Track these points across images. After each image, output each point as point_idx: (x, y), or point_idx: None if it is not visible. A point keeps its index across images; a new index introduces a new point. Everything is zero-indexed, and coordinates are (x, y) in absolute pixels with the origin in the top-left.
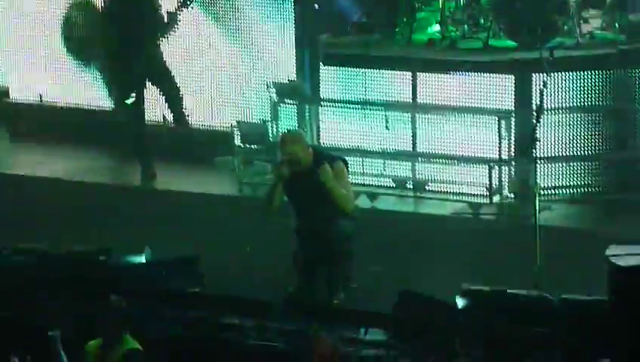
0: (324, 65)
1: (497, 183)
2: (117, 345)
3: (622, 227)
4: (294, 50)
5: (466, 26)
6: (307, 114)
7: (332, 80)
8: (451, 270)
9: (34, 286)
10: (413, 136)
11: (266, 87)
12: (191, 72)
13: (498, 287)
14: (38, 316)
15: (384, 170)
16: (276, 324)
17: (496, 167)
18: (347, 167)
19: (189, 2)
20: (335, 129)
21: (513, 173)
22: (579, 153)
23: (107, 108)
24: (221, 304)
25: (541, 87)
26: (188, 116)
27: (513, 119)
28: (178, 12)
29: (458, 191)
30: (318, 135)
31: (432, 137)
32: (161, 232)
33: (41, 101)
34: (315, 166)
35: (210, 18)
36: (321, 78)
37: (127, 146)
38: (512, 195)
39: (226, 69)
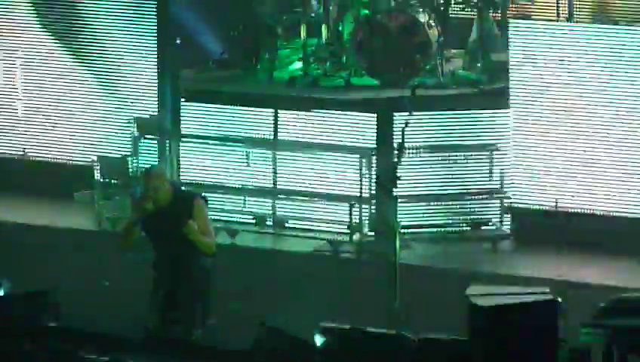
0: (186, 101)
1: (358, 221)
2: None
3: (479, 265)
4: (156, 85)
5: (328, 64)
6: (168, 149)
7: (194, 115)
8: (311, 307)
9: None
10: (274, 173)
11: (127, 121)
12: (52, 105)
13: (357, 326)
14: None
15: (244, 206)
16: (136, 360)
17: (357, 205)
18: (207, 203)
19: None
20: (195, 165)
21: (374, 211)
22: (439, 192)
23: None
24: (79, 338)
25: (402, 125)
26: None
27: (374, 157)
28: None
29: (319, 228)
30: (179, 171)
31: (293, 174)
32: (19, 266)
33: None
34: (174, 202)
35: (71, 51)
36: (182, 113)
37: None
38: (373, 233)
39: (87, 103)
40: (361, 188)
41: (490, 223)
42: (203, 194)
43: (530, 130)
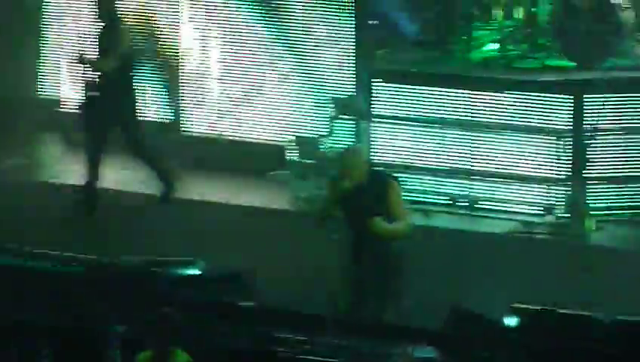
0: (382, 82)
1: (552, 203)
2: (168, 359)
3: None
4: (353, 66)
5: (524, 45)
6: (364, 130)
7: (389, 96)
8: (504, 288)
9: (87, 295)
10: (470, 154)
11: (323, 101)
12: (250, 85)
13: (549, 307)
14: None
15: (439, 187)
16: (327, 339)
17: (552, 187)
18: (400, 185)
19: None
20: (391, 146)
21: (568, 193)
22: (633, 174)
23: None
24: (273, 318)
25: (597, 107)
26: None
27: (570, 139)
28: None
29: (513, 209)
30: (374, 151)
31: (488, 155)
32: (215, 245)
33: None
34: (370, 182)
35: (268, 31)
36: (377, 94)
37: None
38: (567, 215)
39: (283, 83)
40: (555, 170)
41: None
42: (401, 178)
43: None
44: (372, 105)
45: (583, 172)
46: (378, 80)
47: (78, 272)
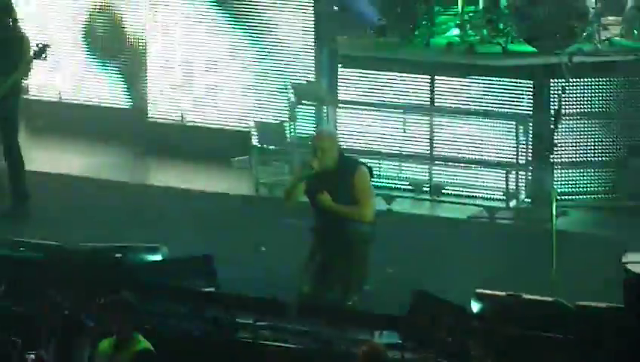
0: (343, 67)
1: (514, 188)
2: (129, 344)
3: (638, 234)
4: (313, 52)
5: (485, 31)
6: (325, 115)
7: (350, 82)
8: (466, 274)
9: (49, 281)
10: (431, 139)
11: (284, 87)
12: (210, 71)
13: (513, 292)
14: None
15: (401, 173)
16: (291, 325)
17: (513, 172)
18: (371, 174)
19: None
20: (352, 131)
21: (530, 177)
22: (596, 159)
23: (121, 107)
24: (235, 303)
25: (559, 92)
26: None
27: (531, 124)
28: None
29: (475, 194)
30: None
31: (449, 140)
32: (177, 231)
33: (60, 99)
34: (338, 168)
35: (229, 18)
36: (339, 79)
37: (143, 144)
38: (529, 200)
39: (244, 69)
40: (517, 155)
41: None
42: (368, 164)
43: None
44: (336, 91)
45: (546, 157)
46: (339, 65)
47: (40, 258)
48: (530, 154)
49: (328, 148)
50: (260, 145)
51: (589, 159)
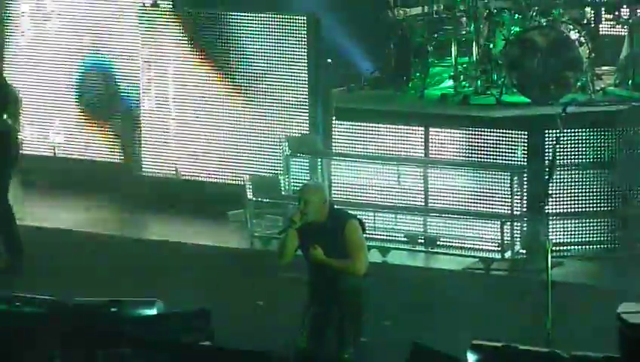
0: (337, 120)
1: (509, 239)
2: None
3: (634, 284)
4: (307, 105)
5: (479, 82)
6: (319, 168)
7: (345, 134)
8: (462, 325)
9: (46, 336)
10: (425, 191)
11: (278, 140)
12: (204, 124)
13: (509, 343)
14: None
15: (396, 225)
16: None
17: (508, 223)
18: (363, 226)
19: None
20: (347, 183)
21: (525, 228)
22: (591, 209)
23: (115, 161)
24: (232, 358)
25: (554, 142)
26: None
27: (525, 175)
28: None
29: (470, 246)
30: (330, 189)
31: (443, 192)
32: (172, 285)
33: (54, 154)
34: (328, 221)
35: (222, 72)
36: (333, 132)
37: (135, 199)
38: (524, 251)
39: (238, 122)
40: (512, 206)
41: None
42: (358, 216)
43: None
44: (330, 143)
45: (540, 208)
46: (333, 118)
47: (36, 313)
48: (524, 205)
49: (312, 201)
50: (254, 199)
51: (584, 209)
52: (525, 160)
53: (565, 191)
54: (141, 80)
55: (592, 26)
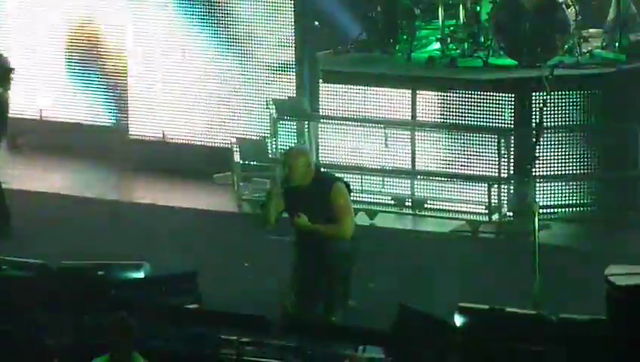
0: (324, 83)
1: (496, 201)
2: None
3: (621, 247)
4: (294, 67)
5: (466, 44)
6: (307, 131)
7: (331, 97)
8: (449, 288)
9: (33, 300)
10: (412, 153)
11: (265, 104)
12: (191, 87)
13: (496, 306)
14: (36, 329)
15: (383, 187)
16: (274, 341)
17: (496, 185)
18: (349, 189)
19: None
20: (334, 146)
21: (512, 191)
22: (578, 172)
23: (103, 124)
24: (219, 320)
25: (541, 105)
26: None
27: (512, 137)
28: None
29: (457, 209)
30: (317, 152)
31: (431, 155)
32: (160, 248)
33: (41, 117)
34: (315, 184)
35: (209, 35)
36: (320, 95)
37: (122, 162)
38: (511, 214)
39: (225, 86)
40: (499, 169)
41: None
42: (345, 179)
43: None
44: (317, 106)
45: (527, 170)
46: (320, 80)
47: (26, 277)
48: (512, 168)
49: (296, 165)
50: (242, 162)
51: (570, 172)
52: (512, 122)
53: (552, 154)
54: (128, 43)
55: None
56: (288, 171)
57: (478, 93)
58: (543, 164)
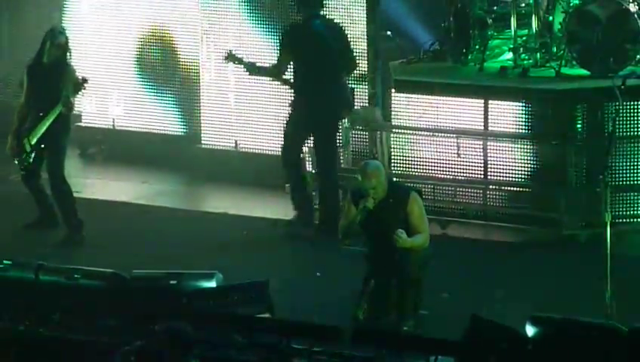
0: (396, 92)
1: (567, 211)
2: None
3: None
4: (366, 77)
5: (538, 54)
6: (379, 141)
7: (404, 107)
8: (522, 298)
9: (105, 309)
10: (484, 163)
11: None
12: (263, 96)
13: (568, 316)
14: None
15: (455, 197)
16: (346, 351)
17: (567, 195)
18: (421, 197)
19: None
20: (406, 156)
21: (584, 201)
22: None
23: (175, 134)
24: (291, 330)
25: (613, 115)
26: None
27: (584, 147)
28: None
29: (528, 218)
30: (390, 162)
31: (503, 165)
32: (231, 257)
33: (113, 126)
34: (390, 196)
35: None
36: (392, 104)
37: (194, 171)
38: (583, 223)
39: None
40: (567, 177)
41: None
42: (418, 188)
43: None
44: (389, 116)
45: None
46: (393, 90)
47: (96, 286)
48: (583, 178)
49: (377, 184)
50: (314, 171)
51: None
52: (584, 132)
53: (624, 164)
54: (200, 52)
55: None
56: (375, 187)
57: (550, 103)
58: (614, 173)
